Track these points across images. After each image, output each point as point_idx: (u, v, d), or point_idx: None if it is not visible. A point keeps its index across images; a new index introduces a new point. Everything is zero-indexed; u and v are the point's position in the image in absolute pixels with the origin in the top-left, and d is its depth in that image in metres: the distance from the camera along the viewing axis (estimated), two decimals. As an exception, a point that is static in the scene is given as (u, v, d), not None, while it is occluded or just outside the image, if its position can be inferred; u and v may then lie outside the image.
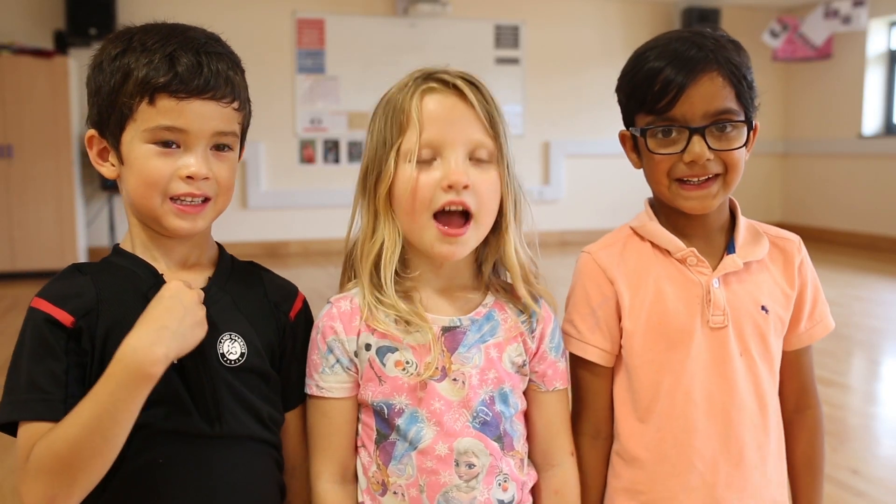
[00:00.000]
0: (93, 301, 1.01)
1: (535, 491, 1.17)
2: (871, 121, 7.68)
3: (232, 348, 1.05)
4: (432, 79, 1.08)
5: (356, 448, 1.13)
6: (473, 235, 1.08)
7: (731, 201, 1.24)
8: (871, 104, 7.66)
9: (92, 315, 1.00)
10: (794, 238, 1.25)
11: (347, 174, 7.39)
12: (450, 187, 1.04)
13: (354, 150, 7.43)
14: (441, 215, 1.07)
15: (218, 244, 1.16)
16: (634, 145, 1.21)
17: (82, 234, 6.16)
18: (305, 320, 1.16)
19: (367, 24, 7.34)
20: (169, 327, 0.95)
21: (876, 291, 5.61)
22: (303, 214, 7.35)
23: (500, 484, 1.09)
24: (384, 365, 1.08)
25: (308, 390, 1.13)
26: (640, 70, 1.17)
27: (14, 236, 5.80)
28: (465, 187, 1.04)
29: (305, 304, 1.18)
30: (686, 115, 1.12)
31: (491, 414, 1.09)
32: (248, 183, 7.17)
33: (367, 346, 1.09)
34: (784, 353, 1.23)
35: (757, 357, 1.18)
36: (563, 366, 1.18)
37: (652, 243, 1.21)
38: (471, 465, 1.07)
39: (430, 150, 1.06)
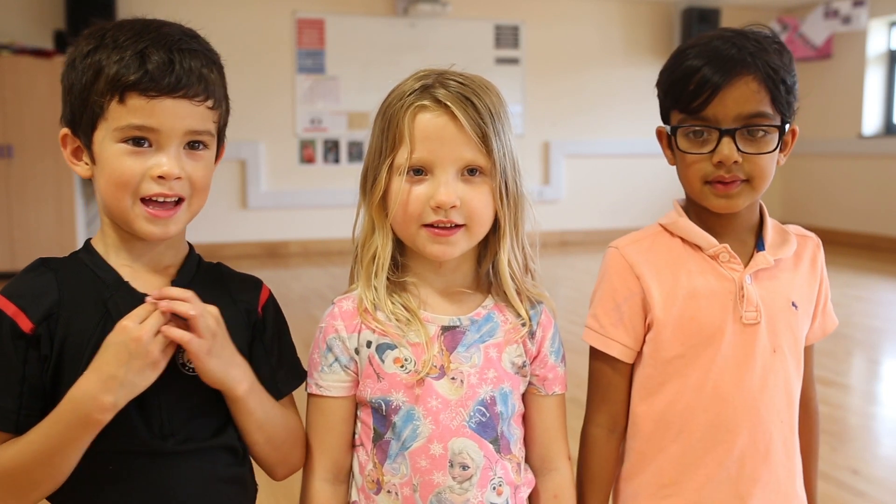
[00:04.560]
0: (54, 303, 0.99)
1: (532, 495, 1.17)
2: (871, 121, 7.68)
3: None
4: (427, 95, 1.08)
5: (353, 447, 1.14)
6: (464, 239, 1.09)
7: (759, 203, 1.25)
8: (871, 104, 7.66)
9: (52, 319, 0.98)
10: (814, 235, 1.28)
11: (347, 174, 7.39)
12: (438, 207, 1.06)
13: (354, 150, 7.43)
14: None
15: (189, 244, 1.13)
16: (670, 142, 1.21)
17: (82, 234, 6.15)
18: (274, 310, 1.15)
19: (367, 24, 7.34)
20: (116, 376, 0.94)
21: (876, 291, 5.62)
22: (303, 214, 7.35)
23: (494, 488, 1.09)
24: (383, 362, 1.09)
25: (308, 389, 1.14)
26: (679, 67, 1.16)
27: (14, 236, 5.80)
28: (453, 207, 1.06)
29: (271, 294, 1.16)
30: (718, 116, 1.12)
31: (489, 415, 1.09)
32: (248, 183, 7.17)
33: (368, 344, 1.10)
34: None
35: (788, 353, 1.19)
36: (562, 370, 1.18)
37: (682, 240, 1.21)
38: (465, 467, 1.07)
39: (421, 167, 1.07)
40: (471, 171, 1.07)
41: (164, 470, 1.01)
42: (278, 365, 1.12)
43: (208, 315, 1.00)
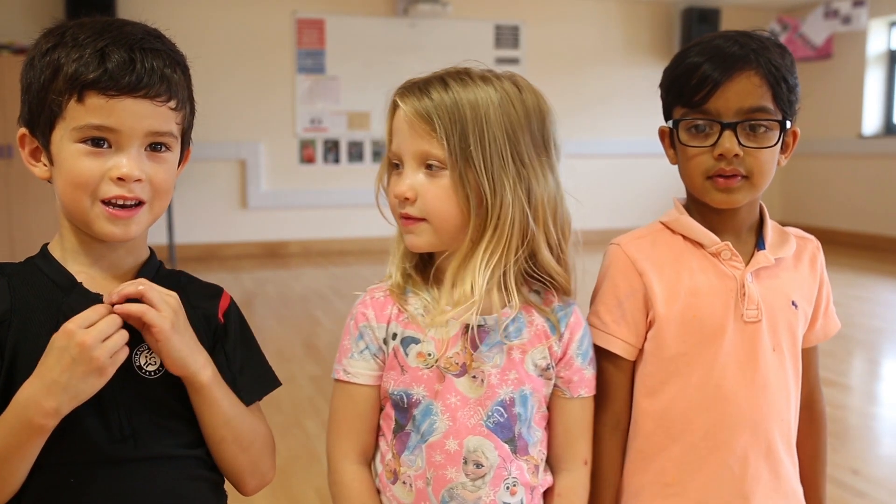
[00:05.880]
0: (6, 311, 0.97)
1: (545, 493, 1.16)
2: (871, 121, 7.68)
3: (150, 359, 1.01)
4: (403, 89, 1.09)
5: (377, 436, 1.15)
6: (428, 233, 1.09)
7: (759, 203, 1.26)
8: (871, 104, 7.66)
9: (4, 326, 0.96)
10: (814, 238, 1.29)
11: (347, 174, 7.39)
12: (395, 197, 1.09)
13: (354, 150, 7.43)
14: None
15: (151, 249, 1.10)
16: (672, 141, 1.22)
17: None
18: (236, 317, 1.13)
19: (367, 24, 7.34)
20: (59, 382, 0.90)
21: (876, 291, 5.62)
22: (303, 214, 7.35)
23: (507, 487, 1.09)
24: (407, 355, 1.10)
25: (335, 374, 1.14)
26: (681, 64, 1.18)
27: (14, 236, 5.80)
28: (407, 199, 1.07)
29: (232, 301, 1.13)
30: (720, 110, 1.13)
31: (506, 415, 1.09)
32: (248, 183, 7.17)
33: (394, 336, 1.11)
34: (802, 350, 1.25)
35: (787, 352, 1.20)
36: (589, 374, 1.16)
37: (684, 237, 1.22)
38: (479, 465, 1.07)
39: (397, 160, 1.10)
40: (429, 164, 1.07)
41: (127, 480, 0.99)
42: (240, 372, 1.09)
43: (168, 296, 0.99)
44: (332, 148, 7.39)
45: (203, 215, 6.96)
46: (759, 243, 1.21)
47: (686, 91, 1.16)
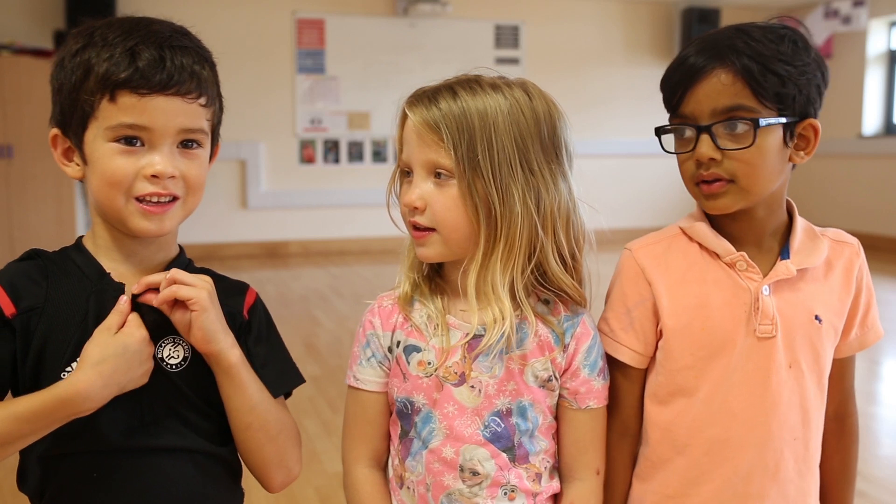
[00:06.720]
0: (40, 298, 0.99)
1: (556, 501, 1.15)
2: (871, 121, 7.68)
3: (174, 352, 1.03)
4: (412, 97, 1.08)
5: (389, 440, 1.16)
6: (438, 244, 1.07)
7: (788, 203, 1.18)
8: (871, 104, 7.66)
9: (35, 313, 0.98)
10: (854, 241, 1.21)
11: (347, 174, 7.40)
12: (405, 207, 1.08)
13: (354, 150, 7.44)
14: None
15: (180, 247, 1.12)
16: None
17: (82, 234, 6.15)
18: (261, 313, 1.14)
19: (367, 24, 7.34)
20: (120, 384, 0.95)
21: (876, 291, 5.60)
22: (303, 214, 7.36)
23: (505, 494, 1.09)
24: (409, 363, 1.10)
25: (347, 380, 1.16)
26: (669, 66, 1.14)
27: (14, 236, 5.79)
28: (416, 208, 1.06)
29: (258, 298, 1.15)
30: (695, 113, 1.08)
31: (503, 426, 1.08)
32: (248, 183, 7.17)
33: (398, 344, 1.11)
34: (832, 361, 1.18)
35: (806, 369, 1.13)
36: (599, 384, 1.13)
37: (700, 245, 1.16)
38: (475, 473, 1.08)
39: (407, 168, 1.09)
40: (438, 173, 1.05)
41: (147, 473, 1.01)
42: (263, 367, 1.09)
43: (201, 275, 1.04)
44: (332, 148, 7.40)
45: (203, 215, 6.96)
46: (784, 251, 1.14)
47: (665, 95, 1.13)
